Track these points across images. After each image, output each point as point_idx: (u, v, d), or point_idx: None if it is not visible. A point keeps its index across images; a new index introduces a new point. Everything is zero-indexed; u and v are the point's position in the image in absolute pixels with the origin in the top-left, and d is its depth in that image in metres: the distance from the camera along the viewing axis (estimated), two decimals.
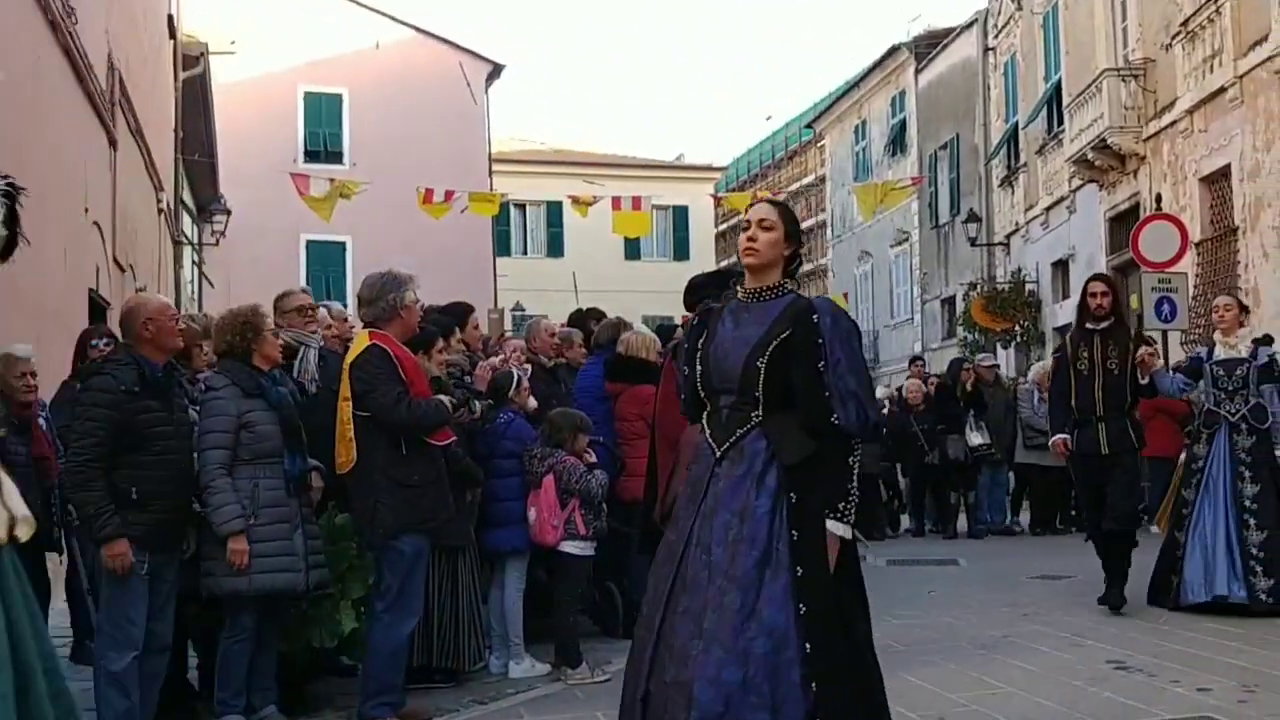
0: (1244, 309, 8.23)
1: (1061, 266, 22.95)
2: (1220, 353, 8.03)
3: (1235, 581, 7.51)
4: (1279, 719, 5.12)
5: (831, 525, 3.70)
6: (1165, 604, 7.79)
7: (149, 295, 6.08)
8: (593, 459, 6.77)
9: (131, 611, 4.97)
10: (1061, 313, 22.42)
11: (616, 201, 17.36)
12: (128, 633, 4.95)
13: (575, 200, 17.92)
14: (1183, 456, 9.02)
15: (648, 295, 29.03)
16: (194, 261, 24.30)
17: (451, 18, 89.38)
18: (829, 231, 38.31)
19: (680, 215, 38.97)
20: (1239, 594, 7.50)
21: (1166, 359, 12.27)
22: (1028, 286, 23.80)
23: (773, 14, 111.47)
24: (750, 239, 3.88)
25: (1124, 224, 19.18)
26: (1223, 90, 16.82)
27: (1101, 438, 7.91)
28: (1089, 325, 8.09)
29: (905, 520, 15.27)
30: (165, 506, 5.05)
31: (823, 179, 39.41)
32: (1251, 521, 7.61)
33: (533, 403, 7.04)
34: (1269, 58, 15.70)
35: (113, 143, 13.45)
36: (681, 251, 38.90)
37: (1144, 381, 7.87)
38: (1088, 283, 8.30)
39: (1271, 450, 7.77)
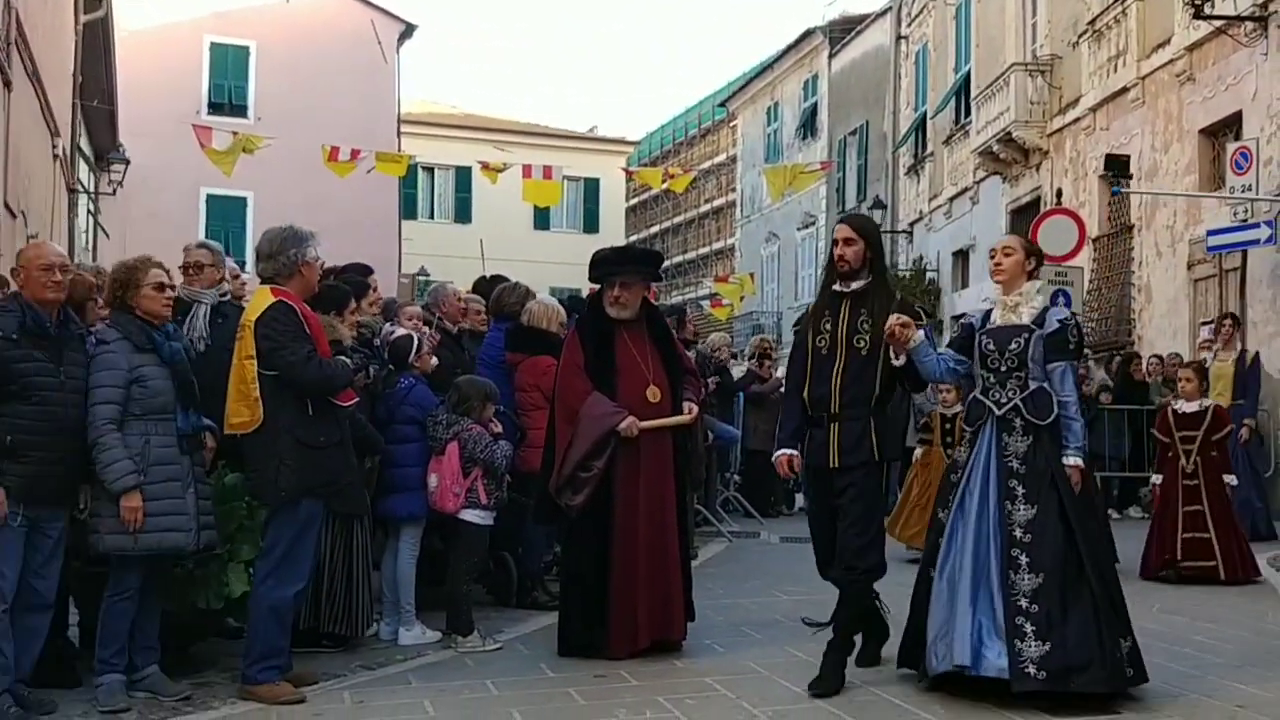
0: (1034, 256, 5.71)
1: (962, 256, 23.37)
2: (996, 317, 5.60)
3: (993, 645, 5.13)
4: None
5: None
6: (919, 671, 5.52)
7: (36, 243, 5.90)
8: (498, 429, 6.75)
9: (2, 564, 4.84)
10: (960, 301, 22.84)
11: (527, 169, 17.24)
12: None
13: (485, 166, 17.76)
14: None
15: (556, 266, 28.92)
16: (89, 211, 23.67)
17: None
18: (738, 211, 38.50)
19: (591, 187, 38.90)
20: (996, 662, 5.12)
21: None
22: (928, 275, 24.20)
23: None
24: None
25: (1025, 216, 19.58)
26: (1125, 90, 17.24)
27: (831, 444, 5.58)
28: (836, 286, 5.72)
29: (800, 499, 15.44)
30: (45, 458, 4.92)
31: (734, 158, 39.56)
32: (1023, 560, 5.21)
33: (434, 361, 6.98)
34: (1170, 61, 16.12)
35: (7, 84, 13.02)
36: (591, 224, 38.85)
37: (898, 362, 5.50)
38: (837, 225, 5.87)
39: (1059, 456, 5.36)
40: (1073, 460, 5.37)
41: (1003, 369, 5.46)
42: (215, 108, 28.42)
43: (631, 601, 6.07)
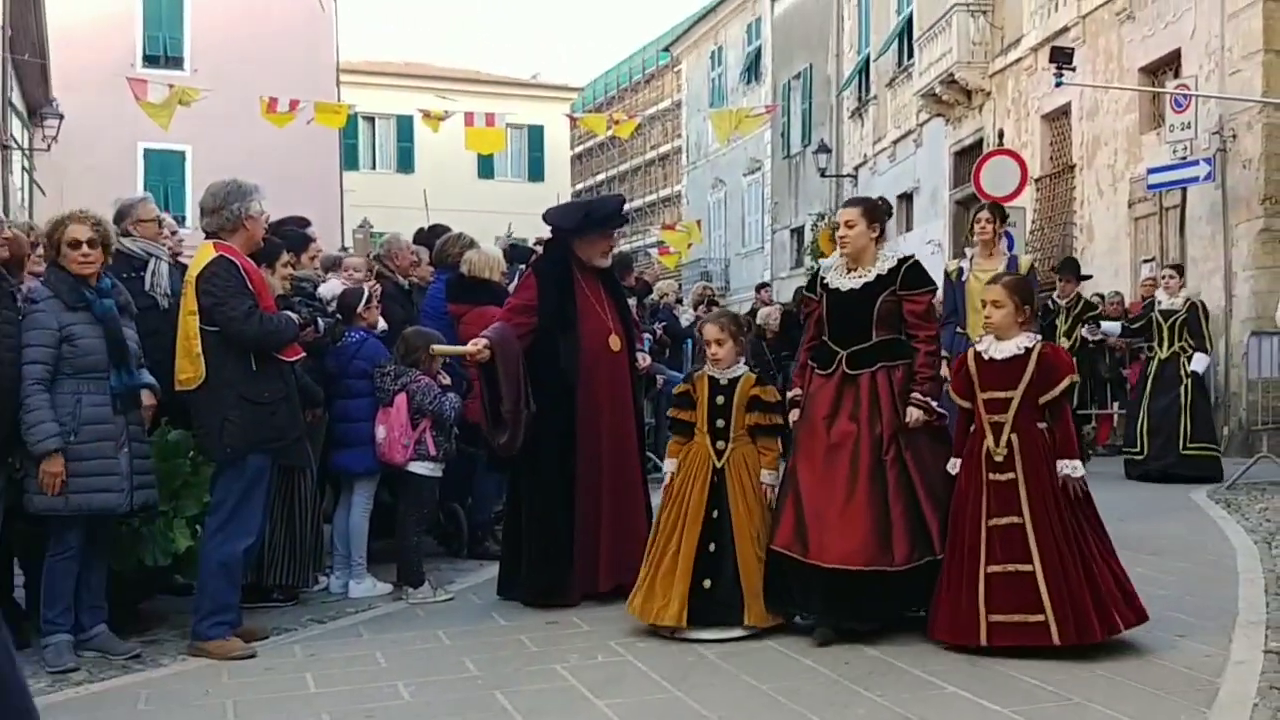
0: None
1: (906, 199, 23.44)
2: None
3: None
4: None
5: None
6: None
7: None
8: (446, 380, 6.72)
9: None
10: (905, 245, 22.90)
11: (469, 117, 17.04)
12: None
13: (426, 115, 17.55)
14: None
15: (502, 215, 28.49)
16: (24, 168, 23.23)
17: None
18: (684, 157, 38.38)
19: (535, 135, 38.57)
20: None
21: None
22: None
23: None
24: None
25: (968, 158, 19.66)
26: (1066, 29, 17.29)
27: None
28: None
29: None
30: None
31: (679, 104, 39.38)
32: None
33: (382, 323, 6.92)
34: None
35: None
36: (536, 172, 38.56)
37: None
38: None
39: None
40: None
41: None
42: (150, 60, 27.89)
43: (594, 542, 6.07)
